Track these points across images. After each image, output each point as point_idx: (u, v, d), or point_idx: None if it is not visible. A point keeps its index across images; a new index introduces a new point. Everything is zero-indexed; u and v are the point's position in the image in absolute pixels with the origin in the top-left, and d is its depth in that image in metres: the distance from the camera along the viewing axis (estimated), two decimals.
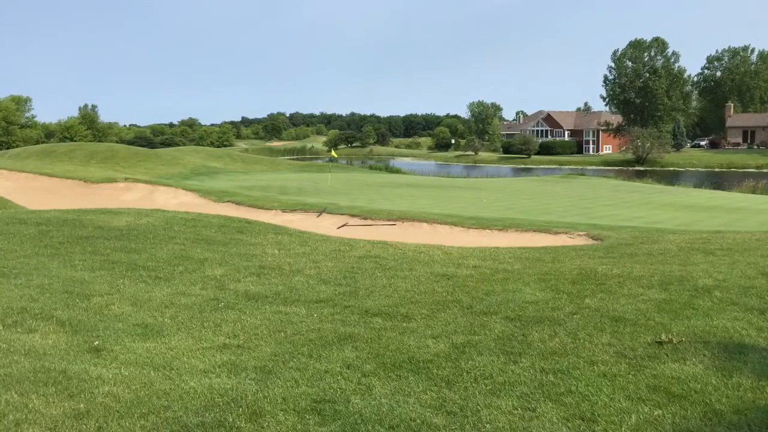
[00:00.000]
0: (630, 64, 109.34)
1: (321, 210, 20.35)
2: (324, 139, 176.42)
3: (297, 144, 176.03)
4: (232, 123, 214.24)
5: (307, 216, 19.93)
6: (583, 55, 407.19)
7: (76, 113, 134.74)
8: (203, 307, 7.69)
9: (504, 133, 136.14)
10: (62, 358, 5.82)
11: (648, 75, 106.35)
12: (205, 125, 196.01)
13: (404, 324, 6.98)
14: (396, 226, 17.57)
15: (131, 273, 9.26)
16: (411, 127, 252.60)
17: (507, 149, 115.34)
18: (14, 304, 7.39)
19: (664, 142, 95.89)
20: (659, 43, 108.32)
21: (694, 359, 5.63)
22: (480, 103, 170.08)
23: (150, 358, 5.90)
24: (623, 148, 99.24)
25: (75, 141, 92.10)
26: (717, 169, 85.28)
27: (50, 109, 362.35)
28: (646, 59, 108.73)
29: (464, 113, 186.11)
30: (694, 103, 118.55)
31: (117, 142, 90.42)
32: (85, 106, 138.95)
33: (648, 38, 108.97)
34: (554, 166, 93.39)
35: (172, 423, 4.55)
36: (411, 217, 18.44)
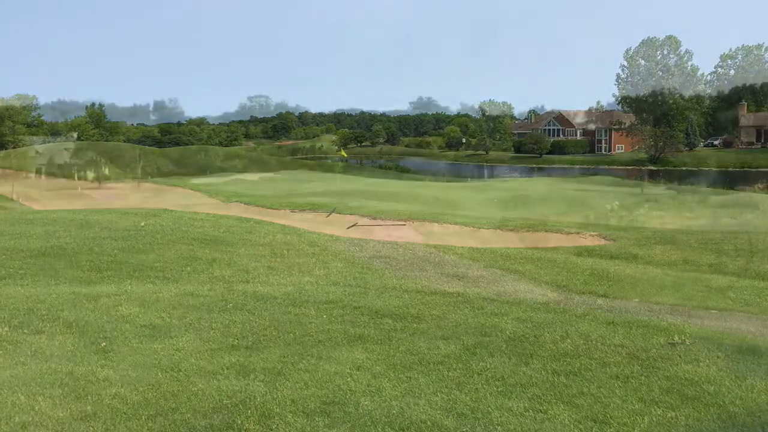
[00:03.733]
0: (642, 62, 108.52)
1: (330, 210, 20.31)
2: (333, 138, 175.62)
3: (306, 143, 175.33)
4: (240, 122, 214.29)
5: (316, 216, 19.89)
6: (595, 54, 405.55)
7: (83, 112, 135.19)
8: (211, 308, 7.65)
9: (515, 132, 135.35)
10: (69, 359, 5.79)
11: (661, 73, 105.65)
12: (213, 124, 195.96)
13: (414, 325, 6.93)
14: (406, 226, 17.50)
15: (139, 273, 9.25)
16: (421, 126, 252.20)
17: (518, 148, 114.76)
18: (21, 305, 7.36)
19: (676, 142, 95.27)
20: (672, 42, 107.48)
21: (707, 361, 5.56)
22: (491, 102, 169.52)
23: (157, 360, 5.86)
24: (636, 148, 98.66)
25: (82, 140, 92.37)
26: (730, 169, 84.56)
27: (57, 108, 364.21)
28: (658, 57, 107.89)
29: (475, 112, 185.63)
30: (707, 102, 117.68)
31: (124, 142, 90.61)
32: (92, 104, 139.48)
33: (661, 36, 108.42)
34: (566, 166, 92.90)
35: (179, 425, 4.51)
36: (421, 217, 18.37)
